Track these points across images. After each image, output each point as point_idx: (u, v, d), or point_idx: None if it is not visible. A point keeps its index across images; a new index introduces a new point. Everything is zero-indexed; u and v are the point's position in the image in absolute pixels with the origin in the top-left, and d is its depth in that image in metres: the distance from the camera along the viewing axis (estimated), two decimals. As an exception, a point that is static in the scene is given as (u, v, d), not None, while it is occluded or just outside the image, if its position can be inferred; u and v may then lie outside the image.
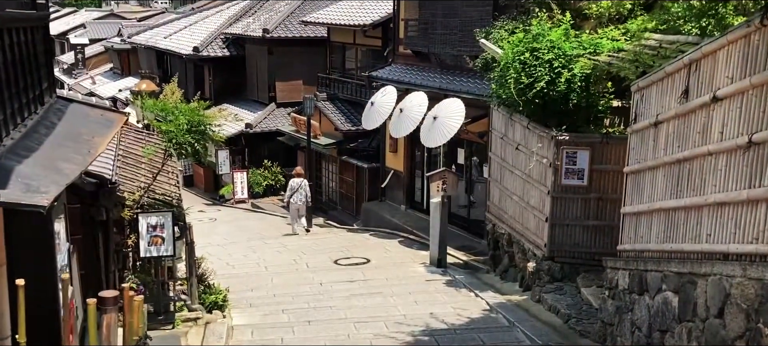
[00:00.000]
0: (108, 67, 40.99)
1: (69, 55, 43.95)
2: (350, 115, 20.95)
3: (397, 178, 19.11)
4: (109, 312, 5.66)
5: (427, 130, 15.59)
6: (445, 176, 14.32)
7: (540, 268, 11.21)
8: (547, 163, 11.04)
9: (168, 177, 10.99)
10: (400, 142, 18.78)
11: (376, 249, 16.30)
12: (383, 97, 17.39)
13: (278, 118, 25.04)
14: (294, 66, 25.44)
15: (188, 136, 8.80)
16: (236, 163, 25.12)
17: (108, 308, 5.68)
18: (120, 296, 6.25)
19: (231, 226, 20.41)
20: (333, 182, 22.11)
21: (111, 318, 5.66)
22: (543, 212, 11.25)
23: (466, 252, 15.73)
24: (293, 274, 14.30)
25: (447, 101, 15.55)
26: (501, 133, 13.15)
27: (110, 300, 5.74)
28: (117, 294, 5.99)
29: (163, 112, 9.22)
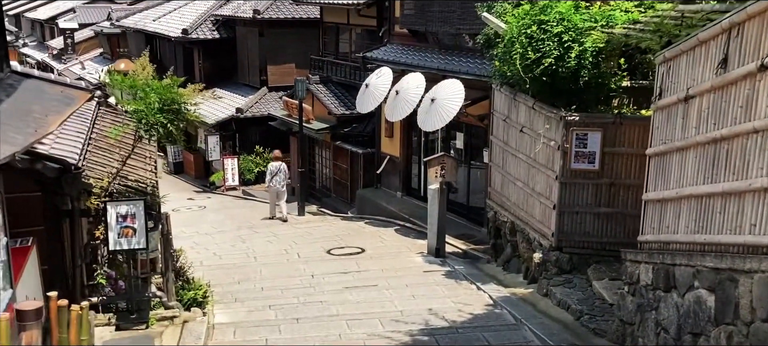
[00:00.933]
0: (98, 53, 39.88)
1: (58, 40, 42.80)
2: (344, 98, 20.02)
3: (392, 164, 18.20)
4: (30, 329, 4.67)
5: (424, 113, 14.67)
6: (443, 161, 13.42)
7: (547, 259, 10.33)
8: (554, 146, 10.15)
9: (145, 162, 10.06)
10: (396, 127, 17.86)
11: (372, 238, 15.43)
12: (378, 79, 16.45)
13: (270, 102, 24.09)
14: (286, 49, 24.47)
15: (160, 116, 7.86)
16: (227, 150, 24.19)
17: (28, 323, 4.68)
18: (66, 306, 5.28)
19: (220, 214, 19.50)
20: (326, 168, 21.19)
21: (32, 336, 4.67)
22: (550, 198, 10.36)
23: (465, 241, 14.88)
24: (283, 265, 13.41)
25: (445, 82, 14.63)
26: (503, 115, 12.25)
27: (31, 314, 4.72)
28: (40, 305, 5.02)
29: (133, 89, 8.27)
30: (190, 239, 16.24)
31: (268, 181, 17.93)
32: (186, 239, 16.09)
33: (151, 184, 8.93)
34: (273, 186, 17.79)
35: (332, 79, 20.87)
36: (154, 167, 10.21)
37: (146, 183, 8.87)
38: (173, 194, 23.12)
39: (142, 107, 7.92)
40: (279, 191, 17.82)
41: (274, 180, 17.71)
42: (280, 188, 17.78)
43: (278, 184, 17.76)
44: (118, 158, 9.96)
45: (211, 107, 24.89)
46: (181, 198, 22.32)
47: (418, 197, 17.54)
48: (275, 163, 18.05)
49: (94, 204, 7.81)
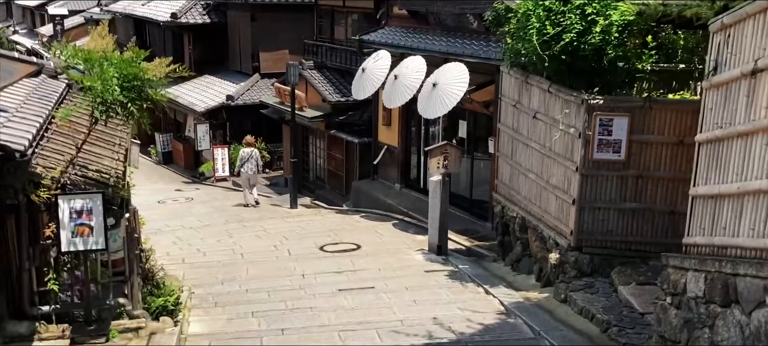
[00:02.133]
0: (87, 40, 38.45)
1: (48, 27, 41.37)
2: (339, 85, 18.74)
3: (390, 154, 16.95)
4: None
5: (425, 99, 13.43)
6: (446, 150, 12.18)
7: (564, 259, 9.12)
8: (574, 134, 8.92)
9: (113, 150, 8.80)
10: (394, 115, 16.60)
11: (368, 233, 14.19)
12: (376, 63, 15.19)
13: (262, 89, 22.79)
14: (279, 34, 23.15)
15: (119, 94, 6.59)
16: (217, 139, 22.89)
17: None
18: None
19: (208, 206, 18.23)
20: (320, 158, 19.93)
21: None
22: (568, 192, 9.14)
23: (468, 237, 13.68)
24: (272, 263, 12.18)
25: (448, 66, 13.38)
26: (513, 101, 11.01)
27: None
28: None
29: (89, 63, 7.00)
30: (173, 233, 15.01)
31: (238, 167, 17.67)
32: (169, 234, 14.89)
33: (116, 175, 7.67)
34: (245, 172, 17.47)
35: (327, 64, 19.57)
36: (125, 156, 8.94)
37: (110, 174, 7.61)
38: (160, 186, 21.93)
39: (97, 84, 6.64)
40: (251, 176, 17.55)
41: (246, 166, 17.41)
42: (252, 174, 17.53)
43: (250, 170, 17.46)
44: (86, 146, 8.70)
45: (201, 94, 23.65)
46: (169, 189, 21.08)
47: (418, 190, 16.31)
48: (247, 149, 17.69)
49: (43, 198, 6.55)
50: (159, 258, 12.74)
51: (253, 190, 17.73)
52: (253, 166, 17.52)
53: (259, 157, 17.94)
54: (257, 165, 17.73)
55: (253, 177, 17.71)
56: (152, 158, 26.03)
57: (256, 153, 17.79)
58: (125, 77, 6.59)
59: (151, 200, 19.36)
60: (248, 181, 17.65)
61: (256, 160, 17.60)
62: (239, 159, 17.72)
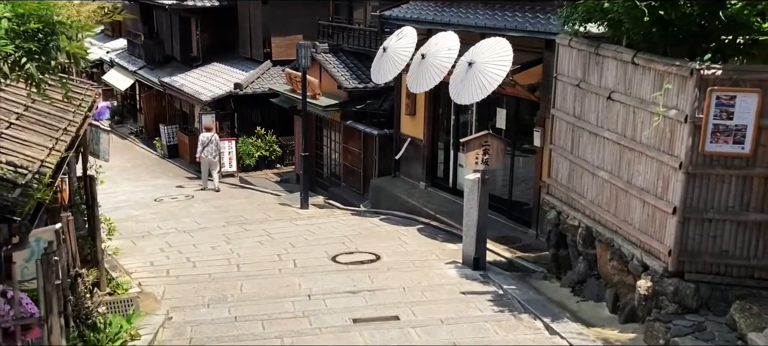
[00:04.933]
0: (99, 30, 36.23)
1: (60, 18, 39.24)
2: (357, 70, 16.21)
3: (414, 148, 14.39)
4: None
5: (458, 81, 10.88)
6: (486, 142, 9.62)
7: (659, 289, 6.53)
8: (677, 118, 6.33)
9: (53, 135, 6.34)
10: (419, 102, 14.04)
11: (389, 240, 11.66)
12: (399, 41, 12.65)
13: (274, 77, 20.31)
14: (293, 18, 20.65)
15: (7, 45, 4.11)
16: (224, 131, 20.43)
17: None
18: None
19: (208, 206, 15.77)
20: (335, 152, 17.39)
21: None
22: (664, 197, 6.56)
23: (508, 246, 11.13)
24: (273, 278, 9.68)
25: (487, 42, 10.81)
26: (575, 80, 8.43)
27: None
28: None
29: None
30: (163, 237, 12.58)
31: (199, 152, 17.51)
32: (158, 238, 12.48)
33: (38, 170, 5.20)
34: (204, 157, 17.39)
35: (343, 47, 17.03)
36: (72, 144, 6.50)
37: (27, 168, 5.13)
38: (162, 181, 19.53)
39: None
40: (211, 161, 17.49)
41: (205, 151, 17.32)
42: (212, 159, 17.48)
43: (210, 154, 17.39)
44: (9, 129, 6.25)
45: (208, 83, 21.25)
46: (170, 186, 18.67)
47: (446, 189, 13.76)
48: (207, 134, 17.64)
49: None
50: (139, 269, 10.35)
51: (213, 175, 17.57)
52: (213, 150, 17.41)
53: (218, 141, 17.82)
54: (218, 150, 17.73)
55: (214, 162, 17.53)
56: (157, 152, 23.70)
57: (215, 137, 17.67)
58: (20, 19, 4.13)
59: (148, 197, 17.03)
60: (209, 165, 17.46)
61: (214, 145, 17.50)
62: (200, 143, 17.54)
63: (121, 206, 16.13)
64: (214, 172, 17.61)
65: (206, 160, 17.41)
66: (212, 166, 17.53)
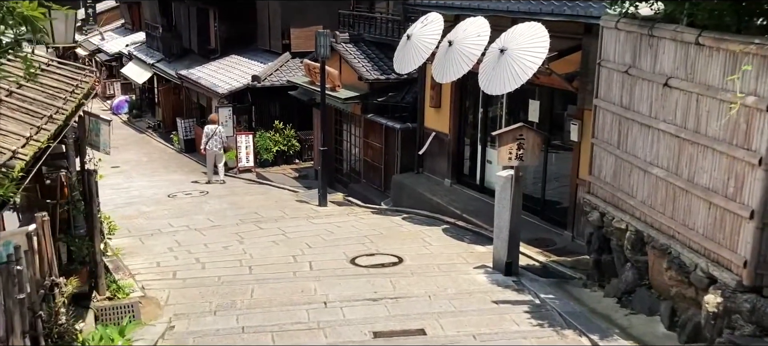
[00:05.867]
0: (119, 23, 35.82)
1: (81, 12, 38.79)
2: (379, 60, 15.30)
3: (439, 142, 13.46)
4: None
5: (489, 70, 9.93)
6: (521, 135, 8.66)
7: (733, 306, 5.54)
8: (756, 106, 5.33)
9: (34, 122, 5.52)
10: (445, 94, 13.10)
11: (412, 241, 10.76)
12: (424, 28, 11.72)
13: (292, 70, 19.48)
14: (312, 8, 19.80)
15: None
16: (241, 124, 19.67)
17: None
18: None
19: (223, 202, 14.97)
20: (356, 147, 16.50)
21: None
22: (737, 199, 5.57)
23: (541, 249, 10.20)
24: (287, 282, 8.81)
25: (521, 28, 9.85)
26: (623, 66, 7.46)
27: None
28: None
29: None
30: (173, 235, 11.79)
31: (204, 144, 17.26)
32: (167, 236, 11.69)
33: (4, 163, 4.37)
34: (210, 149, 17.14)
35: (365, 37, 16.14)
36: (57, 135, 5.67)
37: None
38: (177, 176, 18.78)
39: None
40: (217, 153, 17.17)
41: (210, 143, 17.09)
42: (217, 151, 17.16)
43: (215, 146, 17.11)
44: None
45: (226, 75, 20.49)
46: (185, 181, 17.92)
47: (473, 186, 12.81)
48: (211, 126, 17.35)
49: None
50: (145, 271, 9.54)
51: (218, 167, 17.28)
52: (218, 142, 17.08)
53: (222, 133, 17.44)
54: (223, 142, 17.31)
55: (219, 155, 17.22)
56: (174, 146, 23.01)
57: (220, 129, 17.36)
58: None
59: (161, 192, 16.29)
60: (214, 158, 17.18)
61: (219, 137, 17.15)
62: (204, 135, 17.25)
63: (133, 201, 15.42)
64: (220, 164, 17.27)
65: (211, 152, 17.15)
66: (218, 158, 17.22)
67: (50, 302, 4.65)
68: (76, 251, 7.95)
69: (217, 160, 17.25)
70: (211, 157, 17.26)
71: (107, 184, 17.56)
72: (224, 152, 19.17)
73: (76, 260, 7.96)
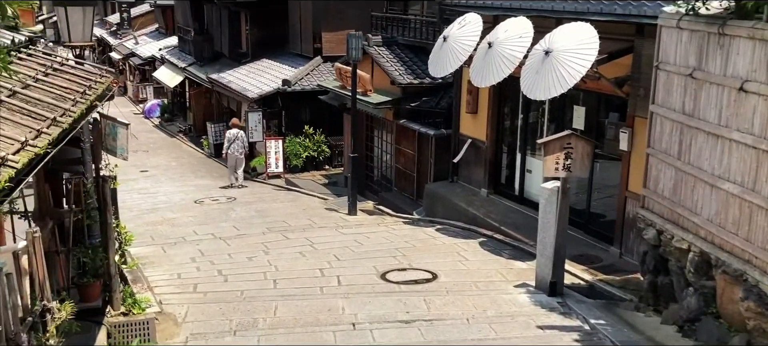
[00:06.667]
0: (154, 28, 35.72)
1: (116, 16, 38.93)
2: (412, 64, 14.61)
3: (475, 150, 12.71)
4: None
5: (532, 73, 9.17)
6: (569, 143, 7.89)
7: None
8: None
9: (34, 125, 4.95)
10: (482, 99, 12.36)
11: (447, 255, 10.04)
12: (461, 29, 11.00)
13: (324, 74, 18.89)
14: (344, 10, 19.17)
15: None
16: (271, 129, 19.14)
17: None
18: None
19: (250, 209, 14.40)
20: (387, 153, 15.82)
21: None
22: (833, 222, 4.74)
23: (587, 266, 9.40)
24: (313, 298, 8.16)
25: (567, 28, 9.08)
26: (686, 68, 6.67)
27: None
28: None
29: None
30: (197, 244, 11.23)
31: (226, 148, 17.19)
32: (191, 245, 11.14)
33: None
34: (232, 153, 17.00)
35: (398, 40, 15.47)
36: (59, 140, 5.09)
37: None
38: (206, 182, 18.30)
39: None
40: (238, 158, 17.04)
41: (232, 147, 16.96)
42: (238, 155, 17.03)
43: (236, 151, 16.96)
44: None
45: (256, 79, 20.00)
46: (213, 186, 17.44)
47: (511, 197, 12.03)
48: (233, 130, 17.23)
49: None
50: (164, 283, 8.97)
51: (238, 172, 17.12)
52: (239, 147, 16.94)
53: (244, 138, 17.29)
54: (244, 147, 17.19)
55: (240, 159, 17.08)
56: (204, 150, 22.60)
57: (242, 134, 17.18)
58: None
59: (188, 198, 15.81)
60: (235, 162, 17.01)
61: (241, 142, 17.02)
62: (226, 140, 17.21)
63: (159, 207, 14.95)
64: (240, 169, 17.14)
65: (233, 156, 17.02)
66: (238, 163, 17.09)
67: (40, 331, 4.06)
68: (89, 262, 7.41)
69: (238, 164, 17.11)
70: (233, 161, 17.09)
71: (135, 189, 17.27)
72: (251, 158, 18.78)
73: (89, 273, 7.42)
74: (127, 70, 35.74)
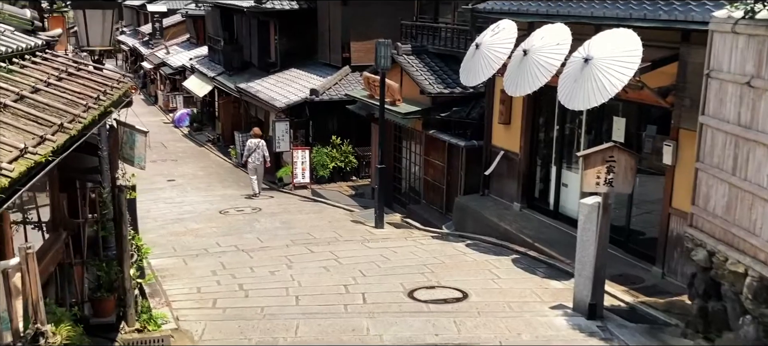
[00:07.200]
0: (185, 38, 35.77)
1: (149, 26, 39.15)
2: (442, 73, 14.13)
3: (508, 162, 12.17)
4: None
5: (570, 82, 8.63)
6: (612, 156, 7.33)
7: None
8: None
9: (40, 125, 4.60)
10: (515, 108, 11.83)
11: (478, 272, 9.52)
12: (495, 36, 10.51)
13: (352, 84, 18.51)
14: (374, 20, 18.74)
15: None
16: (298, 139, 18.79)
17: None
18: None
19: (275, 220, 14.02)
20: (416, 165, 15.33)
21: None
22: None
23: (627, 287, 8.81)
24: (336, 318, 7.71)
25: (608, 34, 8.54)
26: (742, 76, 6.10)
27: None
28: None
29: None
30: (219, 256, 10.86)
31: (245, 157, 17.37)
32: (213, 257, 10.77)
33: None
34: (251, 162, 17.03)
35: (428, 49, 15.01)
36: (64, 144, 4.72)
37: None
38: (231, 192, 17.98)
39: None
40: (257, 166, 17.00)
41: (253, 156, 16.99)
42: (258, 164, 17.00)
43: (256, 160, 16.96)
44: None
45: (284, 89, 19.69)
46: (239, 196, 17.12)
47: (546, 212, 11.46)
48: (253, 140, 17.25)
49: None
50: (183, 297, 8.59)
51: (255, 179, 17.07)
52: (259, 156, 16.95)
53: (265, 147, 17.15)
54: (265, 157, 17.10)
55: (260, 168, 17.06)
56: (232, 160, 22.35)
57: (262, 144, 17.11)
58: None
59: (213, 208, 15.49)
60: (255, 171, 17.01)
61: (261, 151, 16.98)
62: (246, 149, 17.36)
63: (183, 217, 14.65)
64: (258, 177, 17.13)
65: (252, 165, 17.03)
66: (258, 171, 17.09)
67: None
68: (103, 276, 7.07)
69: (258, 173, 17.09)
70: (253, 170, 17.03)
71: (161, 198, 17.04)
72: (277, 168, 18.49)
73: (103, 287, 7.07)
74: (158, 80, 35.84)
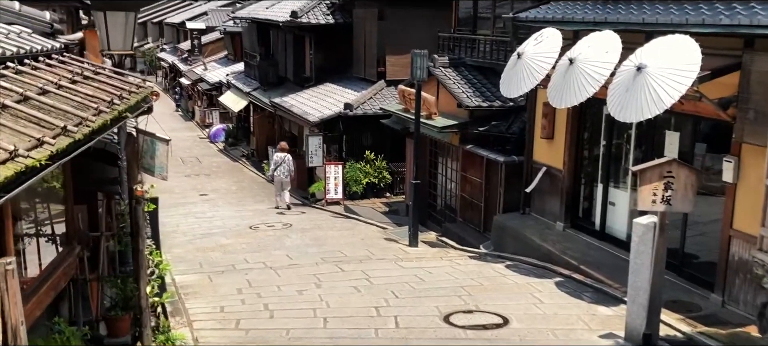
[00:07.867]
0: (223, 54, 35.84)
1: (188, 43, 39.39)
2: (481, 86, 13.51)
3: (550, 179, 11.45)
4: None
5: (621, 92, 7.94)
6: (670, 172, 6.61)
7: None
8: None
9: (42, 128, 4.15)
10: (559, 122, 11.13)
11: (519, 296, 8.82)
12: (538, 46, 9.86)
13: (387, 98, 17.99)
14: (410, 34, 18.17)
15: None
16: (331, 154, 18.31)
17: None
18: None
19: (306, 237, 13.50)
20: (452, 181, 14.67)
21: None
22: None
23: (683, 315, 8.04)
24: (366, 343, 7.09)
25: (663, 41, 7.83)
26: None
27: None
28: None
29: None
30: (246, 273, 10.37)
31: (272, 171, 17.31)
32: (239, 275, 10.28)
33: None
34: (278, 176, 17.01)
35: (466, 61, 14.41)
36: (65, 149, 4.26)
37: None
38: (263, 206, 17.56)
39: None
40: (283, 180, 17.01)
41: (278, 170, 16.94)
42: (284, 178, 16.99)
43: (282, 174, 16.94)
44: None
45: (318, 103, 19.28)
46: (270, 212, 16.70)
47: (591, 232, 10.70)
48: (280, 154, 17.21)
49: None
50: (206, 317, 8.07)
51: (284, 194, 17.10)
52: (285, 170, 16.90)
53: (291, 162, 17.10)
54: (290, 171, 17.07)
55: (286, 182, 17.02)
56: (265, 175, 21.97)
57: (288, 158, 17.09)
58: None
59: (244, 223, 15.07)
60: (281, 185, 17.01)
61: (287, 165, 16.95)
62: (273, 163, 17.39)
63: (213, 232, 14.25)
64: (286, 191, 17.15)
65: (278, 179, 17.04)
66: (284, 185, 17.10)
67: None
68: (118, 293, 6.60)
69: (284, 186, 17.07)
70: (279, 184, 17.04)
71: (192, 212, 16.71)
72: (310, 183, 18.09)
73: (118, 305, 6.61)
74: (196, 96, 35.92)
